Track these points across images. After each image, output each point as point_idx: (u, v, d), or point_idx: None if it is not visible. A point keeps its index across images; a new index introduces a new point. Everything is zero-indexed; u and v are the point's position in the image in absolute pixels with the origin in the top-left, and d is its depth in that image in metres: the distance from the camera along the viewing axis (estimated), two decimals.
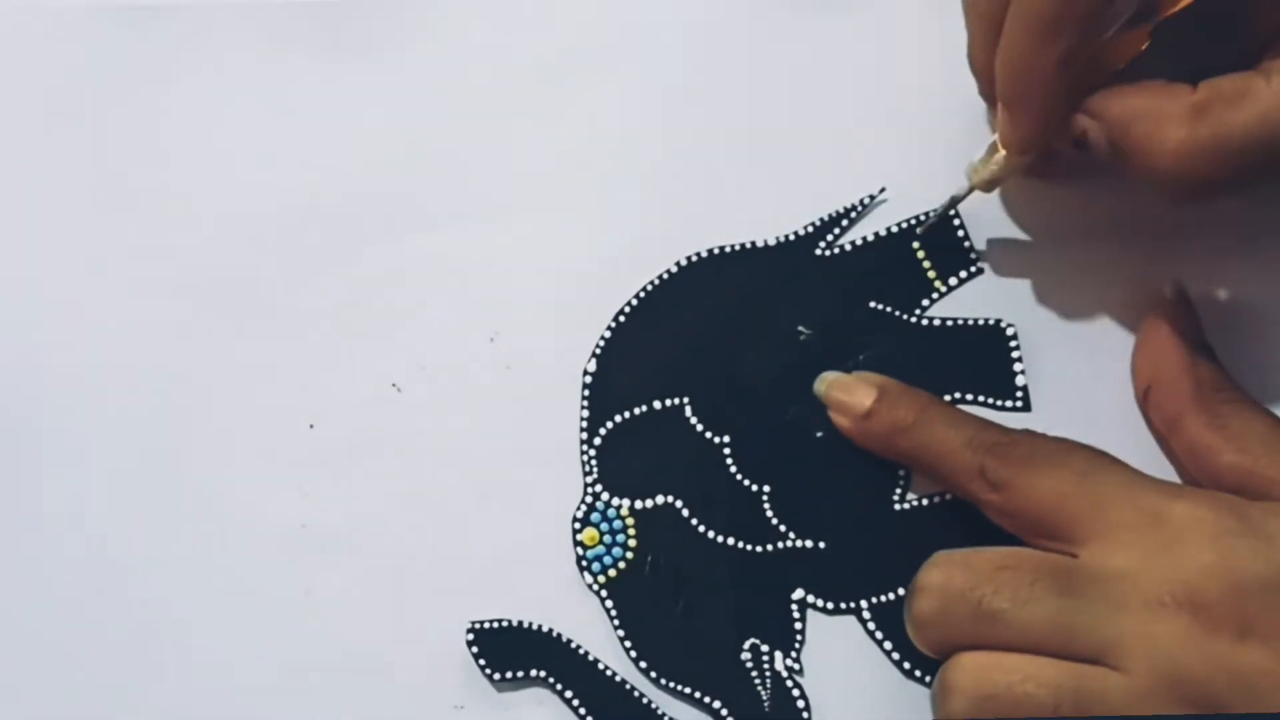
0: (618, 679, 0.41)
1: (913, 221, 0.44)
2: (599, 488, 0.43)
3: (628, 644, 0.41)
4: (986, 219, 0.44)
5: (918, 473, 0.42)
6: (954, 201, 0.43)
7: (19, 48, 0.47)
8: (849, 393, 0.42)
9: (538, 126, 0.46)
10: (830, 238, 0.44)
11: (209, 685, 0.42)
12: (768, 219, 0.45)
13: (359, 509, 0.43)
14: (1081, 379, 0.43)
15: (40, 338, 0.45)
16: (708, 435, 0.43)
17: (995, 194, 0.44)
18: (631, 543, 0.42)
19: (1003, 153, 0.41)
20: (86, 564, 0.43)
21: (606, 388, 0.43)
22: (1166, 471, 0.41)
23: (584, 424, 0.43)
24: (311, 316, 0.45)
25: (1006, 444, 0.39)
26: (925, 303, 0.44)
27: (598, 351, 0.44)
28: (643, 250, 0.45)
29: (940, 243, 0.44)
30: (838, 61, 0.46)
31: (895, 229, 0.44)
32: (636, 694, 0.41)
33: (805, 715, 0.41)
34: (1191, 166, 0.37)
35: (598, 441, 0.43)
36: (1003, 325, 0.44)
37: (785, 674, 0.41)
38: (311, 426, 0.44)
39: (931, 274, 0.44)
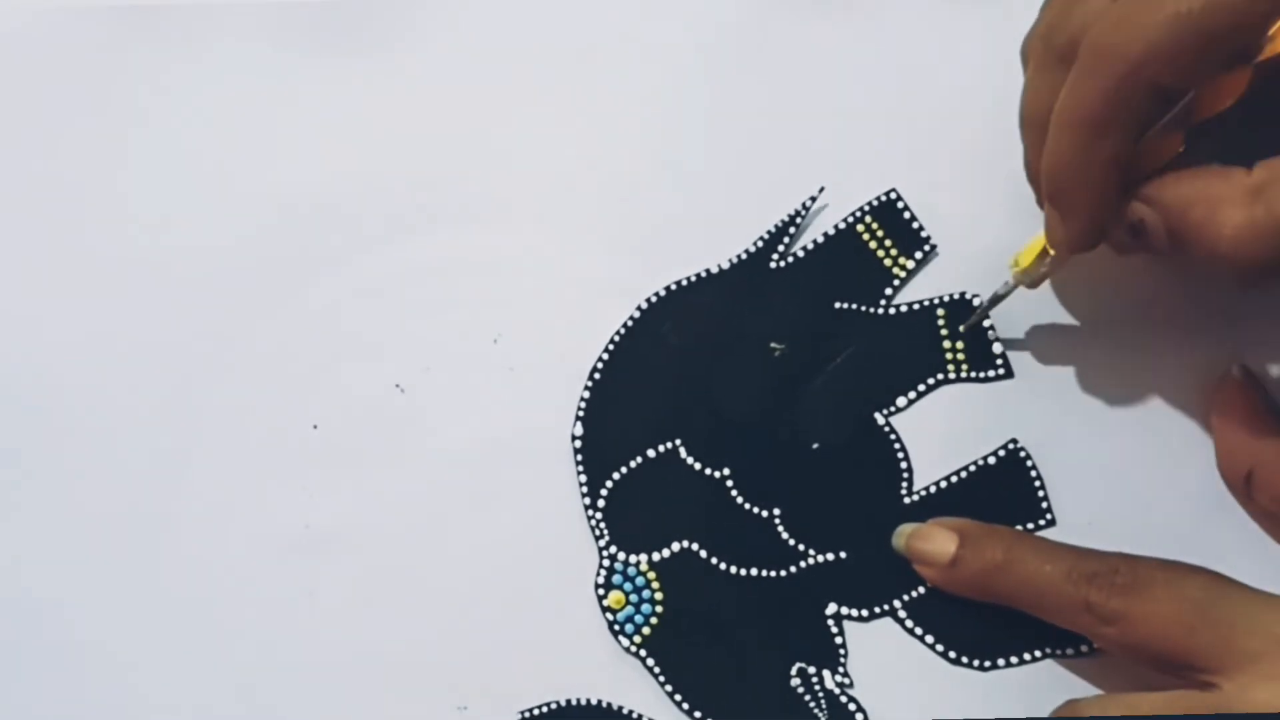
0: None
1: (859, 214, 0.44)
2: (614, 548, 0.43)
3: (678, 697, 0.41)
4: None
5: (1014, 607, 0.40)
6: (996, 299, 0.42)
7: (19, 48, 0.46)
8: (930, 541, 0.41)
9: (541, 127, 0.45)
10: (781, 248, 0.44)
11: (213, 685, 0.42)
12: (774, 215, 0.44)
13: (362, 509, 0.43)
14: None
15: (43, 339, 0.45)
16: (707, 472, 0.43)
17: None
18: (658, 596, 0.42)
19: (1052, 253, 0.40)
20: (91, 564, 0.43)
21: (597, 448, 0.43)
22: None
23: (584, 489, 0.43)
24: (315, 317, 0.44)
25: (1108, 572, 0.38)
26: (889, 291, 0.44)
27: (580, 414, 0.43)
28: (646, 250, 0.44)
29: (890, 228, 0.44)
30: (841, 64, 0.45)
31: (842, 225, 0.44)
32: None
33: None
34: (1252, 249, 0.36)
35: (601, 503, 0.43)
36: (968, 297, 0.44)
37: (837, 690, 0.41)
38: (315, 427, 0.44)
39: (888, 261, 0.44)
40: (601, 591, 0.42)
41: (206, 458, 0.44)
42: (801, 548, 0.42)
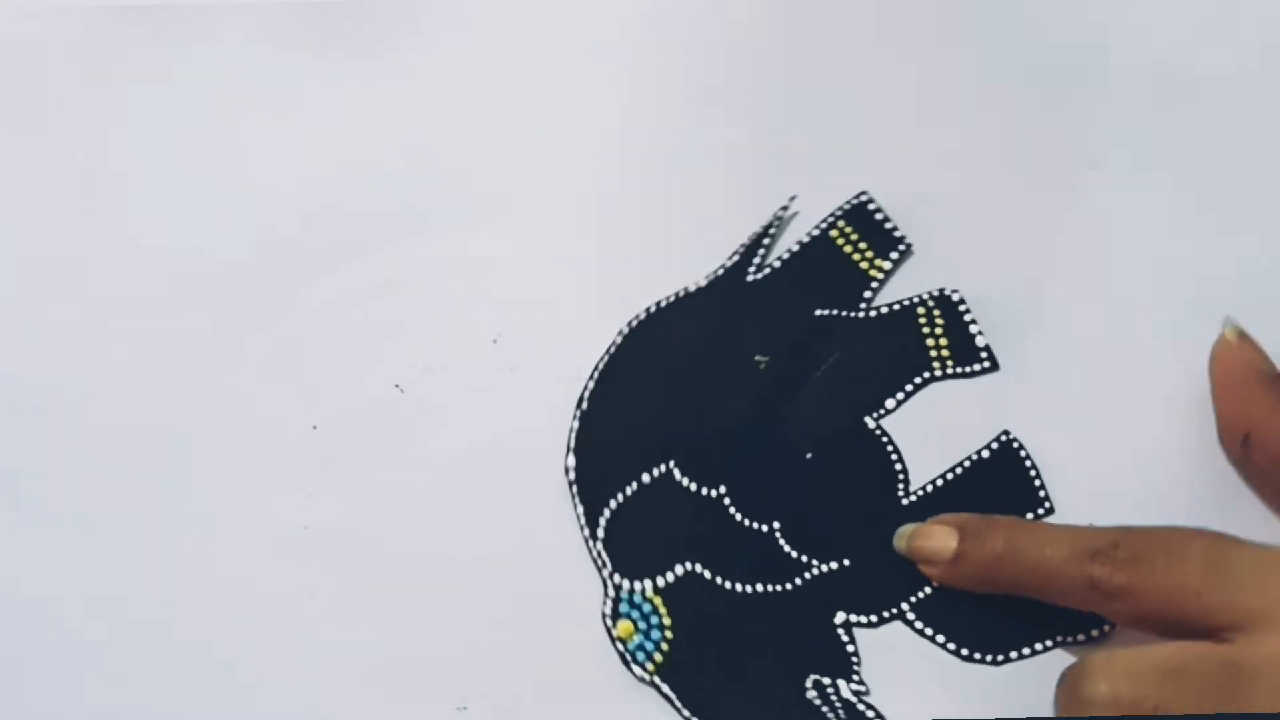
0: None
1: (831, 219, 0.44)
2: (617, 577, 0.42)
3: None
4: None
5: (1022, 595, 0.40)
6: None
7: (19, 48, 0.46)
8: (931, 540, 0.41)
9: (540, 127, 0.45)
10: (757, 260, 0.44)
11: (212, 685, 0.42)
12: (772, 212, 0.44)
13: (362, 510, 0.43)
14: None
15: (43, 339, 0.45)
16: (703, 491, 0.43)
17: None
18: (666, 621, 0.42)
19: None
20: (90, 564, 0.43)
21: (592, 477, 0.43)
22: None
23: (581, 520, 0.43)
24: (315, 317, 0.44)
25: (1109, 547, 0.38)
26: (868, 294, 0.44)
27: (572, 444, 0.43)
28: (645, 248, 0.44)
29: (863, 231, 0.44)
30: (837, 63, 0.45)
31: (816, 232, 0.44)
32: None
33: None
34: None
35: (600, 533, 0.43)
36: (948, 293, 0.44)
37: (854, 699, 0.41)
38: (315, 427, 0.44)
39: (864, 264, 0.44)
40: (609, 622, 0.42)
41: (206, 458, 0.44)
42: (804, 559, 0.42)
